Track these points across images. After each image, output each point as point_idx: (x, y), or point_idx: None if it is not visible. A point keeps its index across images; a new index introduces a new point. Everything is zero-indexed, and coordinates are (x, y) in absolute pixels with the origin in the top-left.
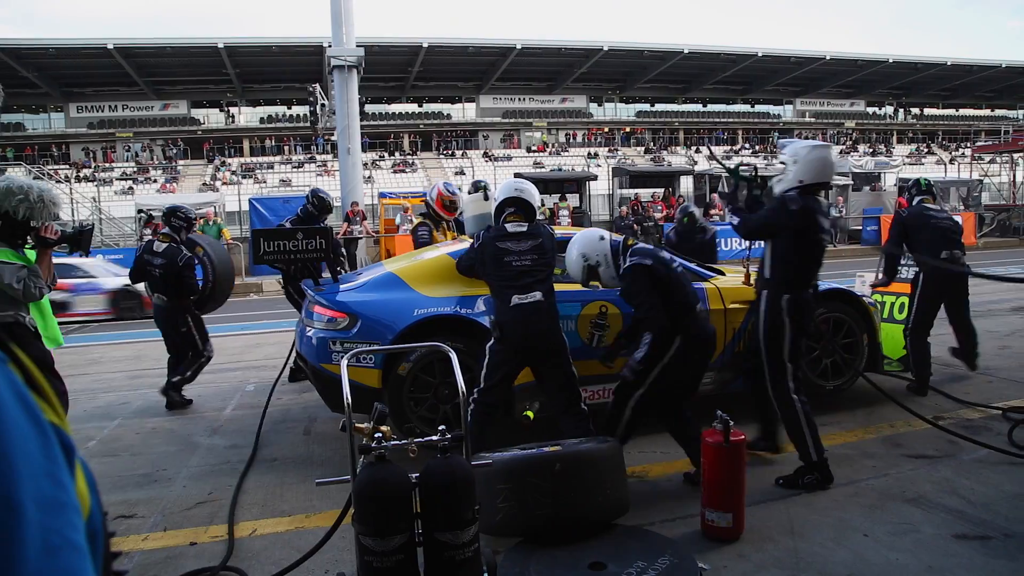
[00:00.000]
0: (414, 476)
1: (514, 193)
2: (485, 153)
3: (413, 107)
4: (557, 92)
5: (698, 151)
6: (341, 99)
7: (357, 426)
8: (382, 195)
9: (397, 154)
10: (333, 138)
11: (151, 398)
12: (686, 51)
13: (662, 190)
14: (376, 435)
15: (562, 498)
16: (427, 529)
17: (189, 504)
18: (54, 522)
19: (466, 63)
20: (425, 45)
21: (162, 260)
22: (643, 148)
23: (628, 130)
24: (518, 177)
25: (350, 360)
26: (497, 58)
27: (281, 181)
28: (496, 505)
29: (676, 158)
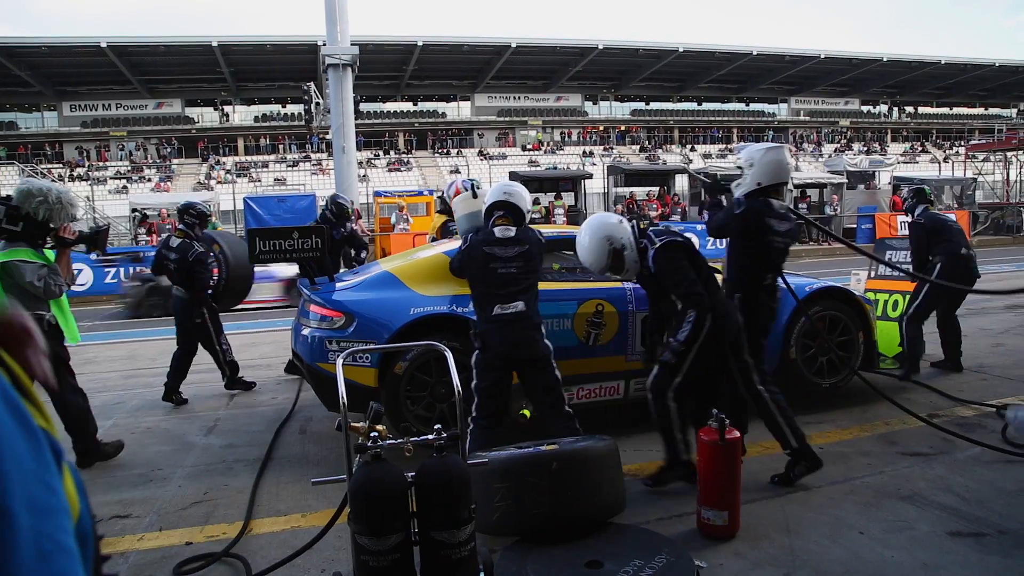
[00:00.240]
0: (410, 475)
1: (503, 196)
2: (480, 152)
3: (408, 106)
4: (552, 90)
5: (693, 149)
6: (336, 98)
7: (353, 425)
8: (377, 194)
9: (392, 153)
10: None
11: (146, 397)
12: (681, 50)
13: (657, 188)
14: (372, 434)
15: (559, 497)
16: (423, 528)
17: (184, 504)
18: (46, 527)
19: (461, 61)
20: (420, 44)
21: (176, 255)
22: (638, 147)
23: (623, 128)
24: (513, 176)
25: (346, 359)
26: (492, 56)
27: (276, 180)
28: (493, 504)
29: (671, 156)
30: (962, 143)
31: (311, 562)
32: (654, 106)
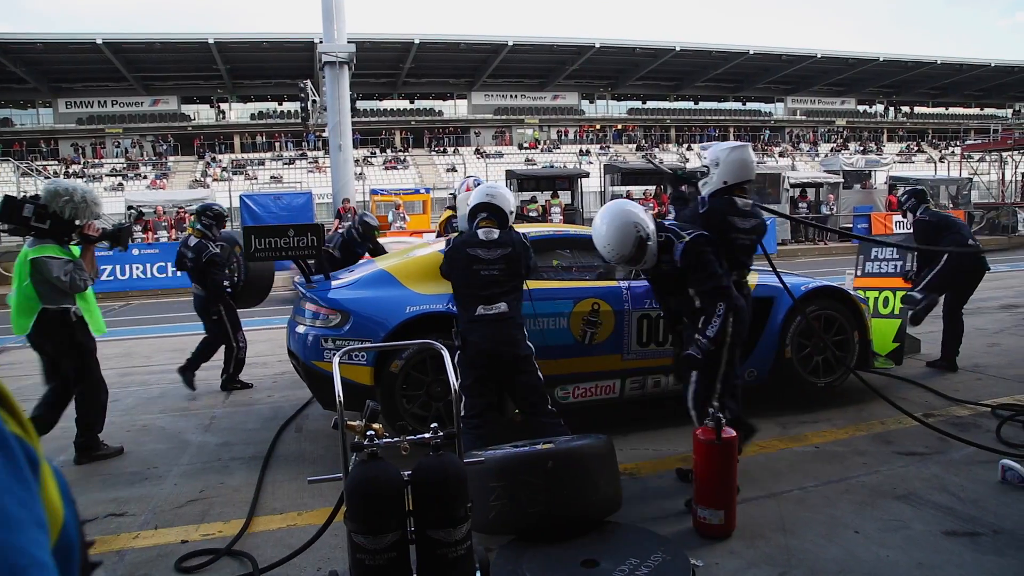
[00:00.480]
0: (406, 474)
1: (486, 198)
2: (477, 150)
3: (404, 104)
4: (549, 89)
5: (689, 148)
6: (332, 95)
7: (349, 424)
8: (373, 192)
9: (388, 151)
10: (324, 135)
11: (141, 395)
12: (678, 48)
13: (654, 187)
14: (368, 433)
15: (555, 495)
16: (419, 527)
17: (180, 502)
18: (17, 540)
19: (458, 60)
20: (417, 41)
21: (192, 254)
22: (635, 145)
23: (620, 127)
24: (510, 174)
25: (342, 357)
26: (489, 55)
27: (272, 178)
28: (489, 503)
29: (668, 155)
30: (958, 143)
31: (307, 560)
32: (651, 105)
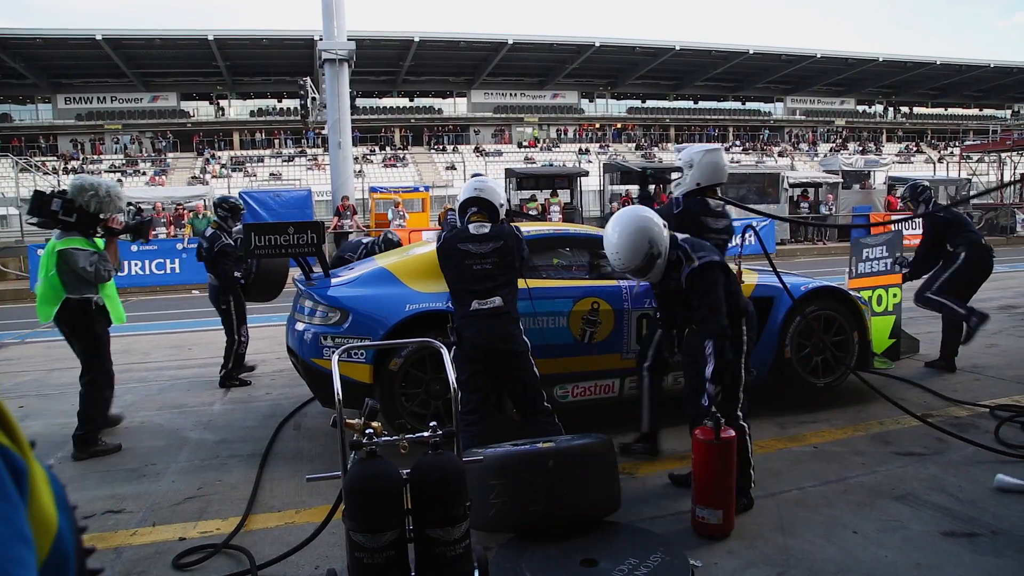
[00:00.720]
0: (405, 472)
1: (475, 193)
2: (476, 148)
3: (404, 101)
4: (548, 87)
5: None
6: (332, 93)
7: (348, 422)
8: (373, 189)
9: (388, 148)
10: (324, 132)
11: (139, 392)
12: (678, 48)
13: (653, 187)
14: (367, 431)
15: (555, 494)
16: (418, 525)
17: (178, 499)
18: None
19: (457, 58)
20: (416, 39)
21: (207, 244)
22: (634, 144)
23: (619, 126)
24: (509, 173)
25: (341, 355)
26: (489, 53)
27: (271, 175)
28: (488, 501)
29: (667, 155)
30: (957, 143)
31: (305, 559)
32: (650, 104)
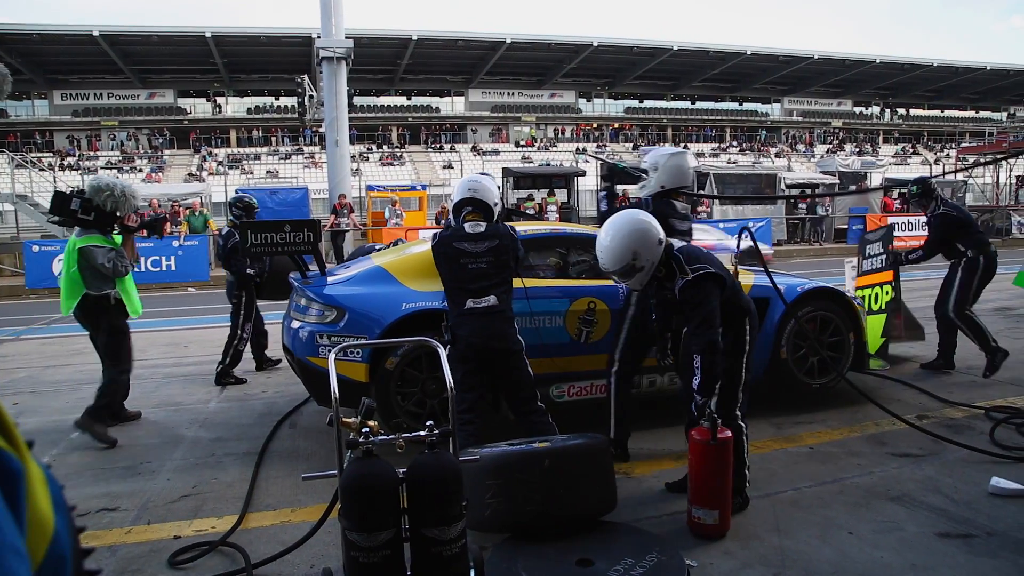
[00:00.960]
0: (401, 471)
1: (468, 194)
2: (473, 147)
3: (402, 100)
4: (546, 87)
5: (686, 148)
6: (329, 91)
7: (344, 420)
8: (370, 188)
9: (385, 147)
10: (321, 130)
11: (134, 390)
12: (675, 48)
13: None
14: (363, 430)
15: (550, 494)
16: (414, 525)
17: (173, 497)
18: None
19: (455, 56)
20: (414, 38)
21: (222, 242)
22: (631, 144)
23: (617, 126)
24: (506, 172)
25: (337, 354)
26: (487, 52)
27: (268, 172)
28: (484, 501)
29: None
30: (953, 145)
31: (301, 557)
32: (648, 104)
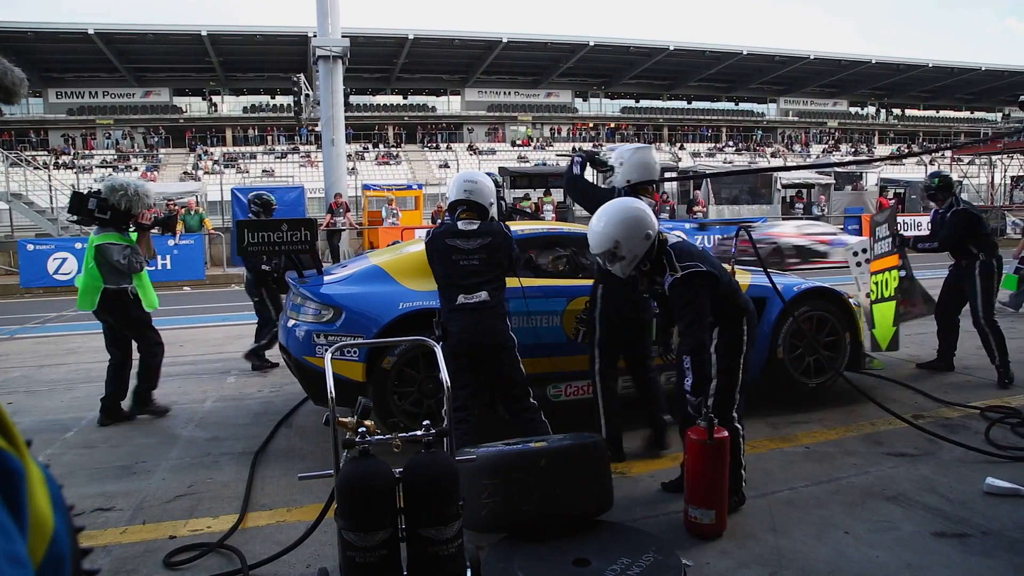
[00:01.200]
0: (398, 471)
1: (464, 195)
2: (470, 146)
3: (398, 99)
4: (542, 86)
5: (682, 148)
6: (325, 90)
7: (341, 420)
8: (366, 187)
9: (381, 146)
10: (317, 129)
11: (130, 388)
12: (672, 48)
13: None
14: (360, 429)
15: (547, 494)
16: (411, 524)
17: (168, 497)
18: None
19: (452, 56)
20: (411, 37)
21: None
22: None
23: (613, 126)
24: (502, 171)
25: (334, 353)
26: (483, 51)
27: (264, 171)
28: (481, 501)
29: (660, 155)
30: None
31: (297, 557)
32: (644, 104)
